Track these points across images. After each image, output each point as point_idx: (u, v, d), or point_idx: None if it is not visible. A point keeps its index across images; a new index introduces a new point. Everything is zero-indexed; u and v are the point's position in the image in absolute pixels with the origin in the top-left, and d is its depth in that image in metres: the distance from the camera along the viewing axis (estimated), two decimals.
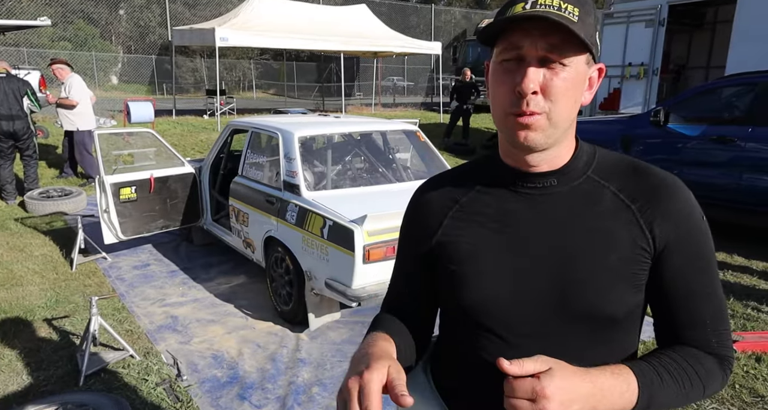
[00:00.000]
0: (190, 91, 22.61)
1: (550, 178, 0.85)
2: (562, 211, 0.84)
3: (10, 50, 15.22)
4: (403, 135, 4.17)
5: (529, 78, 0.74)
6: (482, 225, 0.87)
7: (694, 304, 0.83)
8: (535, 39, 0.74)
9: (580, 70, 0.78)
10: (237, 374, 2.85)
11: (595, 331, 0.82)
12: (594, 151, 0.89)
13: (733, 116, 4.91)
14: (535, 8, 0.73)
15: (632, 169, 0.86)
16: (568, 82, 0.76)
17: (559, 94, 0.76)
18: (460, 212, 0.90)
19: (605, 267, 0.80)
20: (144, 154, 5.22)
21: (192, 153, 8.64)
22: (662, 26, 7.83)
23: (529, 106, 0.76)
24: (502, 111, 0.79)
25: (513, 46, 0.76)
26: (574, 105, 0.79)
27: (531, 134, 0.78)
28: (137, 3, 22.45)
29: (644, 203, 0.82)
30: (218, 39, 9.76)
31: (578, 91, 0.79)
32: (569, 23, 0.72)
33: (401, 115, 14.25)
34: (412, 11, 22.82)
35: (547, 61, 0.75)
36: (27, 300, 3.67)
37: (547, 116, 0.77)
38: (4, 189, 6.07)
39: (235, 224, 3.96)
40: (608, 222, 0.82)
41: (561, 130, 0.80)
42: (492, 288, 0.84)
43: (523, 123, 0.77)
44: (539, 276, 0.82)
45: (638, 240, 0.81)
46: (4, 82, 5.83)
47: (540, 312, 0.82)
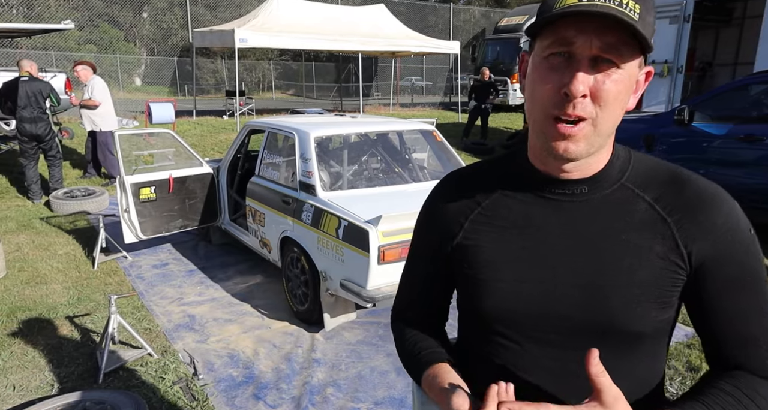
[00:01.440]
0: (211, 92, 22.91)
1: (581, 185, 0.79)
2: (591, 221, 0.78)
3: (38, 53, 15.61)
4: (419, 135, 4.14)
5: (580, 79, 0.68)
6: (505, 230, 0.82)
7: (742, 323, 0.76)
8: (589, 36, 0.67)
9: (633, 73, 0.71)
10: (252, 373, 2.86)
11: (617, 347, 0.77)
12: (629, 155, 0.81)
13: (762, 114, 4.76)
14: (593, 0, 0.66)
15: (671, 177, 0.79)
16: (619, 86, 0.70)
17: (610, 99, 0.70)
18: (482, 215, 0.84)
19: (632, 281, 0.75)
20: (163, 155, 5.29)
21: (211, 153, 8.74)
22: (687, 22, 7.64)
23: (575, 109, 0.69)
24: (542, 112, 0.72)
25: (563, 42, 0.69)
26: (621, 111, 0.73)
27: (572, 146, 0.71)
28: (160, 6, 22.84)
29: (682, 216, 0.75)
30: (238, 40, 9.85)
31: (627, 96, 0.73)
32: (632, 21, 0.65)
33: (419, 115, 14.20)
34: (431, 10, 22.73)
35: (600, 62, 0.69)
36: (50, 298, 3.74)
37: (593, 123, 0.71)
38: (30, 189, 6.22)
39: (252, 224, 3.98)
40: (640, 235, 0.76)
41: (604, 139, 0.74)
42: (512, 296, 0.80)
43: (565, 133, 0.70)
44: (561, 286, 0.77)
45: (671, 256, 0.75)
46: (27, 85, 5.97)
47: (560, 322, 0.78)
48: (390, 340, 3.22)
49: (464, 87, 16.60)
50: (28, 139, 6.04)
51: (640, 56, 0.71)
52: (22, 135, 6.02)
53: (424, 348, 0.91)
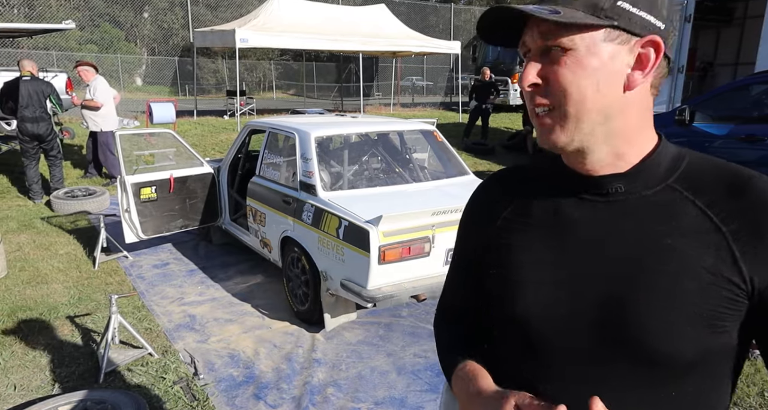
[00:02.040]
0: (212, 92, 22.92)
1: (615, 182, 0.72)
2: (629, 223, 0.70)
3: (39, 53, 15.63)
4: (420, 135, 4.14)
5: (526, 71, 0.69)
6: (536, 230, 0.78)
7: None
8: (531, 32, 0.69)
9: (594, 50, 0.66)
10: (253, 373, 2.86)
11: (654, 373, 0.68)
12: (682, 155, 0.73)
13: (763, 114, 4.76)
14: None
15: (729, 179, 0.69)
16: (573, 67, 0.66)
17: (565, 83, 0.67)
18: (515, 213, 0.81)
19: (672, 293, 0.66)
20: (164, 154, 5.30)
21: (212, 153, 8.74)
22: (688, 22, 7.63)
23: (535, 99, 0.70)
24: (529, 110, 0.74)
25: (523, 44, 0.72)
26: (597, 93, 0.67)
27: (549, 136, 0.71)
28: (161, 6, 22.86)
29: (741, 226, 0.65)
30: (238, 40, 9.86)
31: (597, 74, 0.66)
32: (561, 6, 0.65)
33: (420, 115, 14.21)
34: (432, 11, 22.73)
35: (548, 50, 0.68)
36: (51, 297, 3.75)
37: (558, 110, 0.69)
38: (31, 188, 6.23)
39: (253, 224, 3.99)
40: (686, 242, 0.67)
41: (588, 124, 0.68)
42: (537, 301, 0.74)
43: (540, 123, 0.72)
44: (590, 292, 0.71)
45: (726, 272, 0.65)
46: (29, 85, 5.97)
47: (587, 334, 0.71)
48: (390, 340, 3.22)
49: (465, 87, 16.59)
50: (29, 138, 6.05)
51: (596, 30, 0.65)
52: (24, 135, 6.02)
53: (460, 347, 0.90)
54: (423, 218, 2.86)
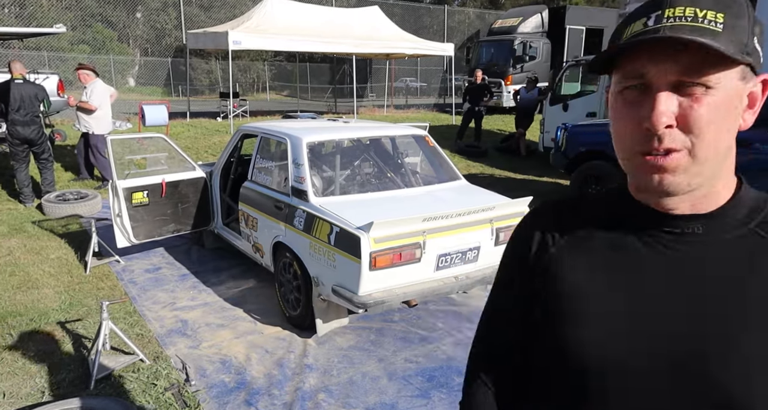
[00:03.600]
0: (205, 93, 22.85)
1: (695, 223, 0.67)
2: (705, 267, 0.65)
3: (31, 54, 15.53)
4: (412, 139, 4.16)
5: (659, 110, 0.60)
6: (598, 266, 0.71)
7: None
8: (661, 62, 0.60)
9: (733, 89, 0.61)
10: (244, 379, 2.87)
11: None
12: (765, 198, 0.68)
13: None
14: (660, 23, 0.60)
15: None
16: (714, 108, 0.60)
17: (704, 125, 0.60)
18: (574, 243, 0.74)
19: (755, 345, 0.61)
20: (156, 159, 5.29)
21: (205, 156, 8.72)
22: None
23: (663, 142, 0.61)
24: (627, 151, 0.65)
25: (635, 74, 0.62)
26: (727, 134, 0.63)
27: (668, 177, 0.62)
28: (154, 6, 22.75)
29: None
30: (231, 42, 9.84)
31: (731, 115, 0.62)
32: (709, 36, 0.58)
33: (413, 117, 14.23)
34: (426, 12, 22.77)
35: (684, 85, 0.61)
36: (42, 303, 3.73)
37: (689, 153, 0.61)
38: (22, 192, 6.19)
39: (245, 229, 3.99)
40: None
41: (710, 168, 0.63)
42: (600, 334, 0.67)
43: (655, 164, 0.62)
44: (660, 343, 0.65)
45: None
46: (21, 88, 5.94)
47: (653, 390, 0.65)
48: (382, 345, 3.23)
49: (458, 88, 16.65)
50: (19, 142, 6.02)
51: (738, 67, 0.61)
52: (14, 138, 5.98)
53: None
54: (414, 224, 2.88)
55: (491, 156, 9.71)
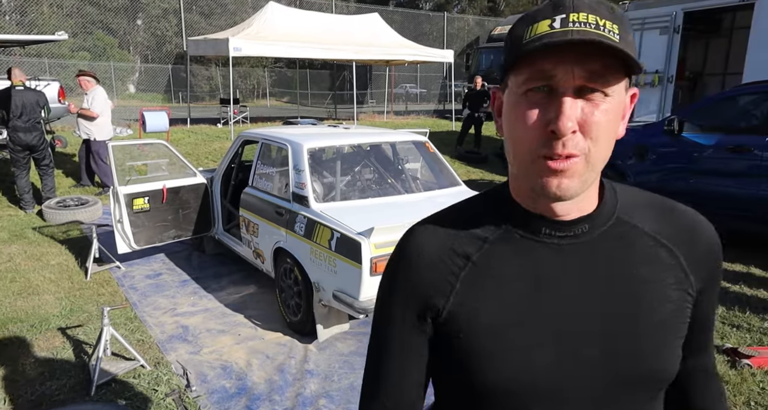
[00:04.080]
0: (205, 99, 22.92)
1: (581, 224, 0.70)
2: (597, 262, 0.70)
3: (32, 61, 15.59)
4: (412, 145, 4.18)
5: (567, 115, 0.60)
6: (507, 287, 0.70)
7: (707, 332, 0.80)
8: (570, 66, 0.60)
9: (621, 98, 0.65)
10: (245, 385, 2.87)
11: (648, 394, 0.71)
12: (612, 186, 0.76)
13: (751, 125, 4.83)
14: (567, 27, 0.60)
15: (659, 205, 0.76)
16: (609, 115, 0.63)
17: (601, 131, 0.63)
18: (475, 272, 0.71)
19: (655, 320, 0.69)
20: (157, 165, 5.30)
21: (205, 162, 8.74)
22: (677, 33, 7.75)
23: (566, 147, 0.62)
24: (528, 154, 0.65)
25: (542, 75, 0.62)
26: (613, 141, 0.66)
27: (565, 182, 0.64)
28: (154, 13, 22.89)
29: (684, 244, 0.73)
30: (232, 49, 9.89)
31: (618, 123, 0.66)
32: (615, 44, 0.59)
33: (413, 124, 14.27)
34: (425, 19, 22.90)
35: (585, 91, 0.62)
36: (42, 309, 3.73)
37: (586, 158, 0.63)
38: (22, 198, 6.20)
39: (246, 234, 4.00)
40: (651, 269, 0.71)
41: (597, 173, 0.66)
42: (524, 366, 0.68)
43: (557, 169, 0.63)
44: (587, 341, 0.68)
45: (684, 286, 0.72)
46: (22, 94, 5.97)
47: (591, 384, 0.68)
48: None
49: (458, 95, 16.70)
50: (20, 148, 6.03)
51: (625, 79, 0.64)
52: (16, 144, 6.00)
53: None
54: None
55: (491, 162, 9.73)
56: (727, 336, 3.29)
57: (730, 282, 4.16)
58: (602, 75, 0.61)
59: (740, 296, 3.91)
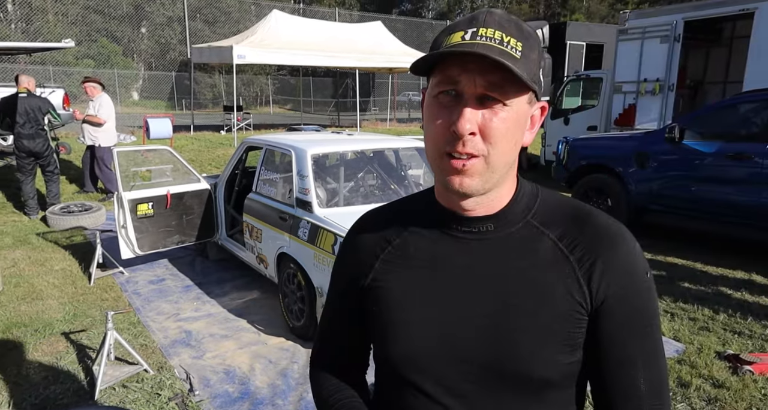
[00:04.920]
0: (209, 107, 23.05)
1: (487, 222, 0.77)
2: (496, 260, 0.76)
3: (37, 68, 15.73)
4: (415, 152, 4.21)
5: (466, 118, 0.68)
6: (413, 269, 0.80)
7: (629, 373, 0.74)
8: (473, 75, 0.68)
9: (522, 109, 0.72)
10: (248, 389, 2.87)
11: (527, 394, 0.75)
12: (536, 192, 0.81)
13: (751, 133, 4.85)
14: (474, 40, 0.67)
15: (574, 214, 0.78)
16: (508, 123, 0.70)
17: (499, 136, 0.70)
18: (392, 254, 0.83)
19: (538, 323, 0.73)
20: (161, 171, 5.34)
21: (209, 168, 8.79)
22: (678, 42, 7.79)
23: (465, 147, 0.69)
24: (435, 149, 0.73)
25: (450, 80, 0.70)
26: (514, 147, 0.73)
27: (467, 180, 0.71)
28: (159, 21, 23.08)
29: (584, 254, 0.74)
30: (236, 56, 9.98)
31: (519, 131, 0.73)
32: (511, 61, 0.66)
33: (416, 131, 14.33)
34: (428, 27, 23.05)
35: (486, 99, 0.69)
36: (46, 313, 3.75)
37: (485, 160, 0.71)
38: (27, 204, 6.24)
39: (249, 240, 4.02)
40: (544, 273, 0.74)
41: (499, 174, 0.73)
42: (419, 340, 0.77)
43: (458, 167, 0.70)
44: (468, 329, 0.75)
45: (575, 295, 0.73)
46: (26, 101, 6.02)
47: (468, 369, 0.75)
48: None
49: None
50: (25, 154, 6.08)
51: (527, 93, 0.71)
52: (20, 151, 6.05)
53: (339, 399, 0.89)
54: None
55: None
56: (728, 342, 3.30)
57: (732, 289, 4.17)
58: (501, 86, 0.68)
59: (742, 303, 3.91)
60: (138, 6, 20.93)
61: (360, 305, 0.86)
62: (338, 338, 0.93)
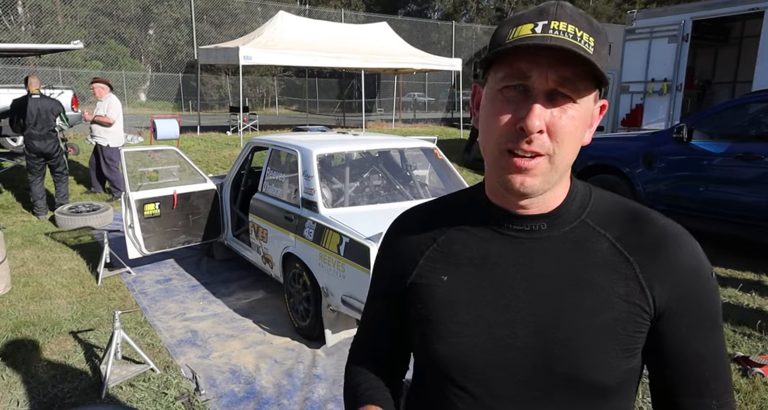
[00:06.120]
0: (215, 108, 23.15)
1: (540, 221, 0.75)
2: (550, 259, 0.73)
3: (46, 70, 15.85)
4: (420, 152, 4.20)
5: (536, 114, 0.65)
6: (461, 268, 0.77)
7: (701, 371, 0.72)
8: (544, 69, 0.65)
9: (589, 107, 0.69)
10: (254, 389, 2.88)
11: (580, 399, 0.72)
12: (590, 191, 0.79)
13: (760, 133, 4.81)
14: (547, 33, 0.64)
15: (632, 215, 0.75)
16: (576, 122, 0.67)
17: (567, 135, 0.67)
18: (438, 252, 0.80)
19: (596, 326, 0.70)
20: (168, 171, 5.37)
21: (215, 169, 8.82)
22: (686, 42, 7.74)
23: (531, 145, 0.66)
24: (497, 146, 0.69)
25: (519, 74, 0.66)
26: (578, 147, 0.70)
27: (529, 180, 0.69)
28: (166, 23, 23.21)
29: (645, 256, 0.71)
30: (242, 57, 10.02)
31: (584, 130, 0.71)
32: (587, 55, 0.63)
33: (421, 132, 14.32)
34: (433, 28, 23.05)
35: (556, 96, 0.66)
36: (54, 313, 3.78)
37: (550, 159, 0.68)
38: (36, 204, 6.29)
39: (255, 240, 4.03)
40: (603, 275, 0.71)
41: (560, 174, 0.71)
42: (467, 341, 0.74)
43: (521, 166, 0.68)
44: (520, 331, 0.72)
45: (636, 299, 0.70)
46: (38, 102, 6.07)
47: (518, 372, 0.72)
48: None
49: (466, 103, 16.74)
50: (36, 155, 6.13)
51: (595, 90, 0.69)
52: (31, 152, 6.10)
53: (365, 389, 0.86)
54: None
55: None
56: (738, 344, 3.27)
57: (741, 290, 4.13)
58: (573, 82, 0.65)
59: (752, 304, 3.87)
60: (146, 8, 21.06)
61: (402, 304, 0.83)
62: (375, 344, 0.90)
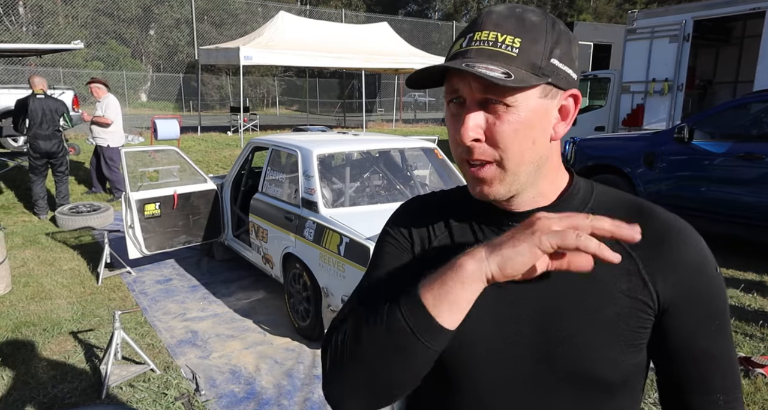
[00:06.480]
0: (216, 108, 23.16)
1: None
2: None
3: (47, 70, 15.86)
4: (421, 152, 4.20)
5: (467, 126, 0.67)
6: None
7: (708, 369, 0.72)
8: (468, 80, 0.67)
9: (532, 106, 0.68)
10: (254, 389, 2.87)
11: (583, 396, 0.72)
12: (591, 187, 0.78)
13: (761, 132, 4.80)
14: (470, 46, 0.67)
15: (635, 210, 0.74)
16: (515, 125, 0.67)
17: (507, 140, 0.67)
18: (438, 246, 0.80)
19: (599, 322, 0.70)
20: (168, 171, 5.37)
21: (215, 169, 8.82)
22: (687, 41, 7.73)
23: (474, 154, 0.69)
24: (457, 157, 0.73)
25: (452, 89, 0.69)
26: (533, 146, 0.69)
27: (486, 188, 0.70)
28: (167, 23, 23.22)
29: (648, 251, 0.71)
30: (243, 57, 10.02)
31: (535, 130, 0.68)
32: (505, 60, 0.65)
33: (422, 132, 14.32)
34: (434, 28, 23.04)
35: (489, 103, 0.67)
36: (55, 313, 3.77)
37: (498, 165, 0.69)
38: (37, 204, 6.29)
39: (255, 240, 4.02)
40: (605, 270, 0.69)
41: (525, 175, 0.71)
42: (468, 334, 0.73)
43: (476, 176, 0.70)
44: (521, 327, 0.72)
45: (639, 294, 0.70)
46: (42, 102, 6.07)
47: (520, 369, 0.72)
48: None
49: None
50: (40, 155, 6.13)
51: (532, 87, 0.67)
52: (36, 151, 6.10)
53: None
54: None
55: None
56: (740, 345, 3.26)
57: (743, 291, 4.12)
58: (497, 87, 0.65)
59: (753, 305, 3.86)
60: (147, 8, 21.08)
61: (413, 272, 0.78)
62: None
